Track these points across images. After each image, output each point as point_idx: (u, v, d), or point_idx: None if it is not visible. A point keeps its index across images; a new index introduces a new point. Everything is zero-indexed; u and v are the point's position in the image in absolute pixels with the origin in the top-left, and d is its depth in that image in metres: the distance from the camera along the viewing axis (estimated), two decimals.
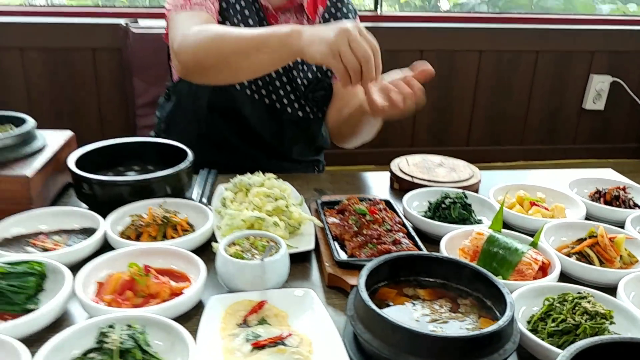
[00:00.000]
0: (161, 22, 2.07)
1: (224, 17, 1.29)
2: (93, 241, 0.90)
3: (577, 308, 0.71)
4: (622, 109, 3.22)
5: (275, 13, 1.32)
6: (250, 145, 1.37)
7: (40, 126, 1.13)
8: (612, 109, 3.19)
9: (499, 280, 0.70)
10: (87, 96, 2.54)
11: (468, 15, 3.14)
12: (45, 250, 0.90)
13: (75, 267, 0.82)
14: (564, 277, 0.86)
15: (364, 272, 0.70)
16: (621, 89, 3.15)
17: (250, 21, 1.30)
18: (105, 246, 0.92)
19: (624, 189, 1.11)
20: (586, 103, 3.13)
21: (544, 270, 0.83)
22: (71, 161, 1.06)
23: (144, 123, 2.05)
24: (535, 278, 0.81)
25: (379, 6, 2.90)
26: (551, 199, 1.10)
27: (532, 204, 1.05)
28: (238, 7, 1.29)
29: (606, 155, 3.17)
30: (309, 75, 1.35)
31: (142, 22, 2.06)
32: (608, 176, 1.26)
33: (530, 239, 0.90)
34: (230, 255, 0.80)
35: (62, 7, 2.79)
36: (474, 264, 0.74)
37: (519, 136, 3.13)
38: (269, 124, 1.37)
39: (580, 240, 0.91)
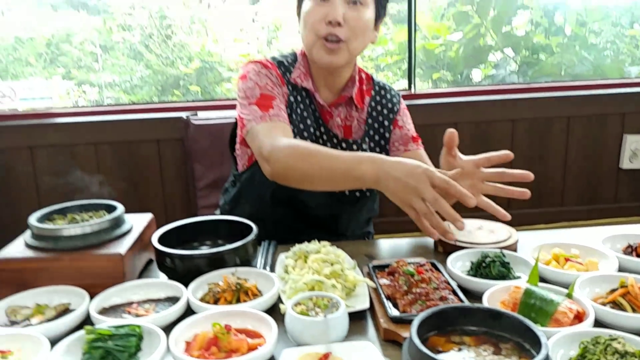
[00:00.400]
0: (216, 114, 2.31)
1: (289, 117, 1.46)
2: (179, 307, 1.04)
3: (608, 349, 0.80)
4: None
5: (329, 109, 1.50)
6: (307, 226, 1.49)
7: None
8: None
9: (534, 325, 0.80)
10: (152, 181, 2.80)
11: (499, 87, 3.30)
12: (138, 316, 1.05)
13: (164, 330, 0.95)
14: (599, 324, 0.94)
15: (416, 322, 0.82)
16: None
17: (308, 121, 1.47)
18: (188, 311, 1.06)
19: None
20: (623, 163, 3.19)
21: (579, 318, 0.93)
22: (155, 240, 1.24)
23: (204, 204, 2.25)
24: (571, 326, 0.91)
25: (412, 85, 3.11)
26: (585, 255, 1.19)
27: (567, 259, 1.15)
28: (299, 110, 1.48)
29: None
30: None
31: (201, 114, 2.29)
32: None
33: (566, 290, 1.00)
34: (298, 314, 0.94)
35: (128, 105, 3.10)
36: (511, 312, 0.84)
37: (558, 199, 3.19)
38: (329, 208, 1.51)
39: (613, 291, 1.00)
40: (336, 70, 1.47)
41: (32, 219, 1.21)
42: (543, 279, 1.09)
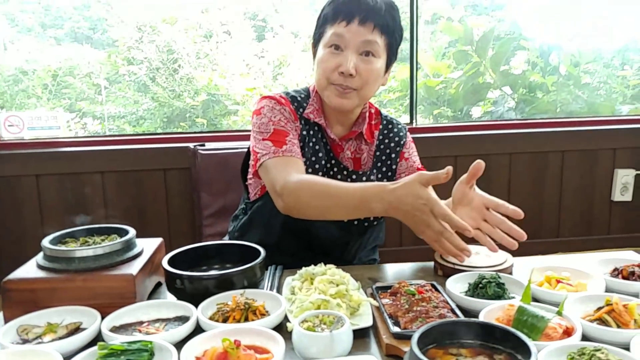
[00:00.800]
0: (223, 144, 2.38)
1: (302, 150, 1.52)
2: (189, 325, 1.09)
3: (593, 359, 0.86)
4: None
5: (340, 143, 1.56)
6: (315, 254, 1.52)
7: None
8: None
9: (525, 337, 0.85)
10: (158, 209, 2.87)
11: (497, 122, 3.41)
12: (148, 334, 1.08)
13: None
14: (586, 339, 1.00)
15: (416, 335, 0.87)
16: None
17: (320, 154, 1.53)
18: (198, 330, 1.10)
19: (639, 266, 1.26)
20: (614, 195, 3.29)
21: (568, 333, 0.98)
22: (165, 262, 1.29)
23: (209, 232, 2.30)
24: (560, 340, 0.96)
25: (414, 120, 3.21)
26: (575, 278, 1.26)
27: (558, 281, 1.21)
28: (311, 143, 1.54)
29: None
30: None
31: (208, 145, 2.37)
32: (629, 257, 1.40)
33: (557, 309, 1.05)
34: (304, 329, 0.99)
35: (135, 135, 3.19)
36: (504, 325, 0.90)
37: (554, 230, 3.28)
38: (337, 237, 1.56)
39: (600, 309, 1.06)
40: (347, 110, 1.53)
41: (45, 242, 1.26)
42: (536, 299, 1.15)
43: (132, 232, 1.33)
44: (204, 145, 2.34)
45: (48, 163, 2.83)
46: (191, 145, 2.34)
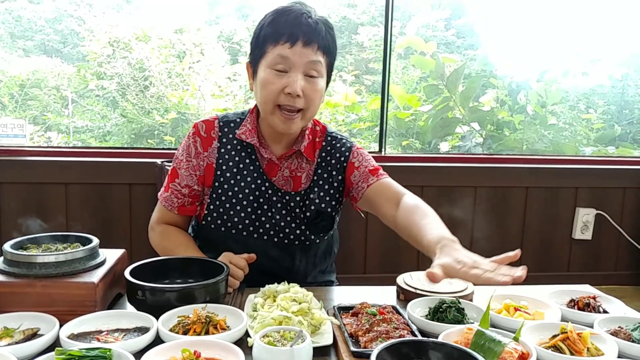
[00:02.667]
0: None
1: (221, 170, 1.54)
2: (150, 335, 1.08)
3: None
4: (608, 238, 3.48)
5: (278, 161, 1.55)
6: (268, 277, 1.48)
7: None
8: (599, 239, 3.45)
9: (478, 355, 0.87)
10: (121, 223, 2.83)
11: (464, 156, 3.49)
12: (107, 343, 1.08)
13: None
14: None
15: (375, 352, 0.88)
16: (605, 221, 3.43)
17: (254, 174, 1.54)
18: (157, 341, 1.09)
19: (594, 298, 1.30)
20: (575, 233, 3.39)
21: (524, 359, 1.00)
22: (127, 273, 1.27)
23: None
24: None
25: (383, 149, 3.27)
26: (533, 307, 1.29)
27: (516, 309, 1.24)
28: (242, 165, 1.54)
29: (600, 282, 3.34)
30: (312, 207, 1.55)
31: None
32: (584, 289, 1.45)
33: (514, 335, 1.08)
34: (265, 344, 0.99)
35: (101, 148, 3.15)
36: (459, 345, 0.92)
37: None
38: (281, 259, 1.57)
39: (555, 336, 1.09)
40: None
41: (7, 246, 1.24)
42: (494, 325, 1.17)
43: (95, 241, 1.32)
44: (170, 161, 2.33)
45: (11, 171, 2.77)
46: (158, 160, 2.33)
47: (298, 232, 1.56)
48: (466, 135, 4.18)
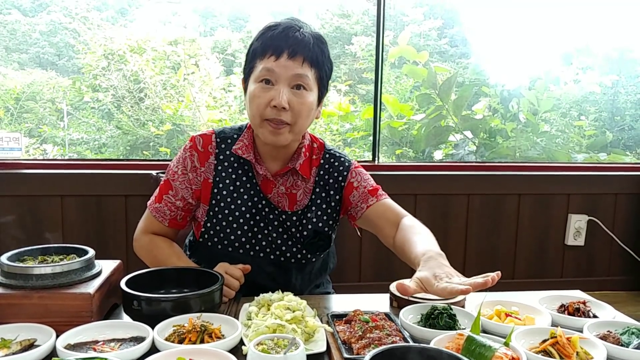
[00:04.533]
0: None
1: (218, 188, 1.54)
2: (145, 344, 1.09)
3: None
4: (600, 244, 3.51)
5: (274, 178, 1.55)
6: (260, 289, 1.48)
7: None
8: (592, 245, 3.48)
9: None
10: (117, 235, 2.85)
11: (457, 164, 3.52)
12: (104, 353, 1.09)
13: None
14: None
15: (367, 358, 0.90)
16: (597, 227, 3.46)
17: (251, 192, 1.54)
18: (153, 350, 1.10)
19: (584, 303, 1.32)
20: (568, 240, 3.42)
21: None
22: (123, 283, 1.29)
23: None
24: None
25: (376, 157, 3.29)
26: (524, 312, 1.31)
27: (507, 315, 1.26)
28: (238, 182, 1.55)
29: (593, 288, 3.36)
30: (309, 227, 1.55)
31: None
32: (575, 295, 1.47)
33: (504, 340, 1.09)
34: (259, 351, 1.00)
35: (96, 160, 3.17)
36: (451, 351, 0.93)
37: (509, 271, 3.37)
38: (278, 276, 1.58)
39: (545, 341, 1.11)
40: (281, 146, 1.52)
41: (3, 258, 1.25)
42: (485, 331, 1.19)
43: (91, 252, 1.33)
44: (164, 173, 2.34)
45: (7, 184, 2.78)
46: (153, 172, 2.34)
47: (295, 250, 1.56)
48: (459, 143, 4.21)
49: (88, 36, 4.18)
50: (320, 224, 1.57)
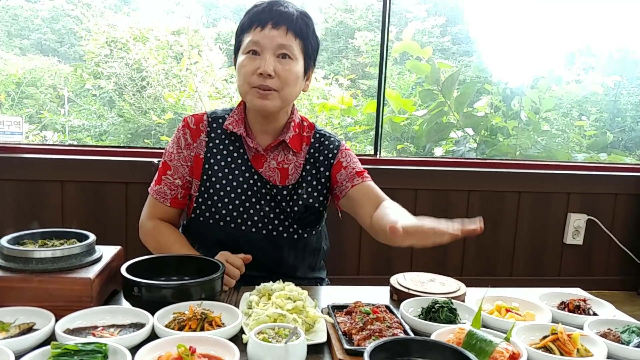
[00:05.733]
0: None
1: (209, 163, 1.57)
2: (145, 331, 1.09)
3: None
4: (599, 244, 3.51)
5: (264, 152, 1.58)
6: (257, 270, 1.54)
7: None
8: (591, 244, 3.49)
9: (470, 354, 0.89)
10: (117, 222, 2.84)
11: (458, 160, 3.52)
12: (103, 338, 1.09)
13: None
14: None
15: (369, 349, 0.90)
16: (596, 226, 3.46)
17: (242, 167, 1.57)
18: (153, 337, 1.10)
19: (584, 301, 1.33)
20: (566, 238, 3.42)
21: (514, 359, 1.02)
22: (123, 269, 1.28)
23: None
24: None
25: (378, 152, 3.29)
26: (524, 308, 1.31)
27: (508, 311, 1.26)
28: (229, 158, 1.58)
29: (591, 287, 3.37)
30: (299, 202, 1.58)
31: None
32: (575, 292, 1.47)
33: (505, 335, 1.09)
34: (260, 340, 1.00)
35: (97, 146, 3.16)
36: (452, 344, 0.93)
37: (508, 268, 3.38)
38: (270, 252, 1.59)
39: (545, 337, 1.11)
40: (271, 114, 1.57)
41: (3, 241, 1.25)
42: (485, 326, 1.19)
43: (92, 237, 1.33)
44: None
45: (8, 168, 2.78)
46: (155, 160, 2.34)
47: (286, 224, 1.59)
48: (460, 140, 4.21)
49: (91, 23, 4.17)
50: (310, 200, 1.60)
